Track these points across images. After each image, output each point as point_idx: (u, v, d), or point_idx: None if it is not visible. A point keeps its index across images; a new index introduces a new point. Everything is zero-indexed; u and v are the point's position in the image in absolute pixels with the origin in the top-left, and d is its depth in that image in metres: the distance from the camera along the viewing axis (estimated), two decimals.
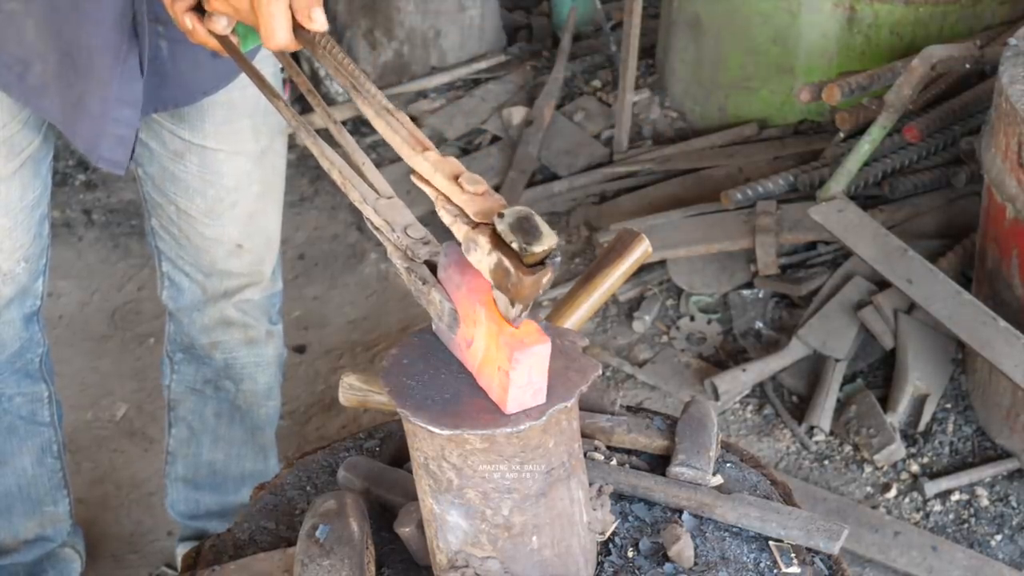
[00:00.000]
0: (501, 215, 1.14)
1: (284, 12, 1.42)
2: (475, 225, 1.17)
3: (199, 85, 2.01)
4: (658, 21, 4.31)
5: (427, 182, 1.25)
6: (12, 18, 1.83)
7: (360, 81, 1.36)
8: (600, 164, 3.95)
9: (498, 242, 1.14)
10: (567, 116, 4.15)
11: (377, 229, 1.32)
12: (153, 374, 3.18)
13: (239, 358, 2.41)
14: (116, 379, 3.34)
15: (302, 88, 1.45)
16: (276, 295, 2.41)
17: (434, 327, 1.32)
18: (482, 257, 1.16)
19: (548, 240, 1.12)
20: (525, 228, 1.13)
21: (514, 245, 1.12)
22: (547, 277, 1.13)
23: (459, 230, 1.19)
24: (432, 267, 1.28)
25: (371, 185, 1.35)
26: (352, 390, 1.67)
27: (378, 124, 1.32)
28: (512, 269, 1.13)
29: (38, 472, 2.45)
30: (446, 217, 1.21)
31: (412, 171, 1.27)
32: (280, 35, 1.43)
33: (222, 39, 1.58)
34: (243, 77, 1.97)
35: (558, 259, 1.14)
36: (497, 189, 3.87)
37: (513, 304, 1.17)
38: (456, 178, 1.22)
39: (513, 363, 1.19)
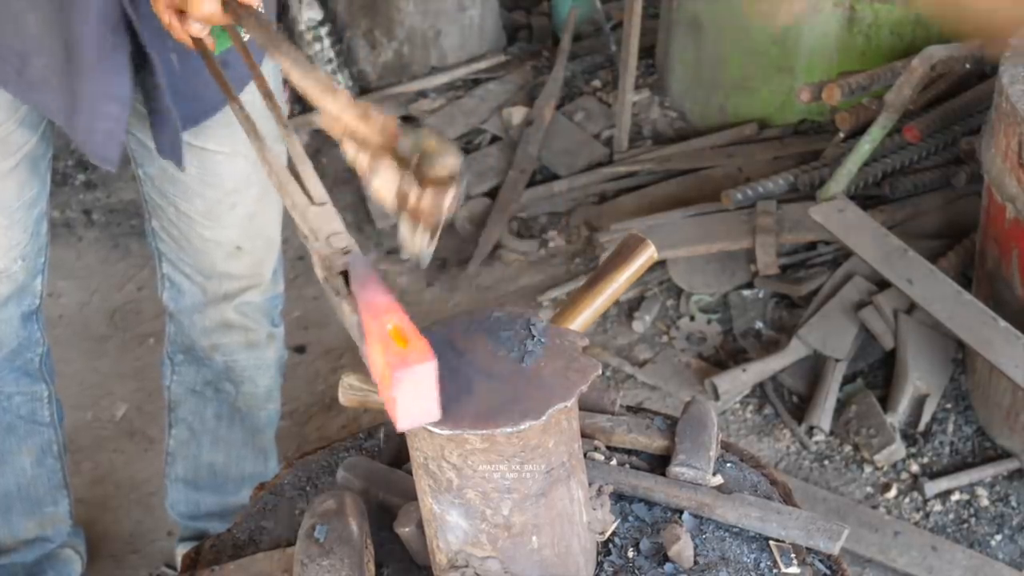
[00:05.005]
0: (402, 135, 1.11)
1: None
2: (376, 151, 1.15)
3: (210, 98, 2.00)
4: (658, 21, 4.31)
5: (335, 122, 1.22)
6: (14, 12, 1.83)
7: (277, 39, 1.39)
8: (600, 164, 3.95)
9: (401, 163, 1.11)
10: (567, 116, 4.15)
11: (305, 236, 1.30)
12: (153, 374, 3.18)
13: (239, 361, 2.41)
14: (116, 379, 3.34)
15: (260, 90, 1.49)
16: (277, 297, 2.40)
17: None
18: (383, 182, 1.13)
19: (451, 158, 1.08)
20: (427, 148, 1.09)
21: (414, 160, 1.09)
22: (450, 195, 1.09)
23: (362, 160, 1.16)
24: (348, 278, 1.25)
25: (306, 191, 1.32)
26: (352, 390, 1.67)
27: (293, 75, 1.32)
28: (413, 186, 1.09)
29: (37, 472, 2.45)
30: (349, 151, 1.18)
31: (322, 116, 1.24)
32: (206, 4, 1.53)
33: (195, 40, 1.65)
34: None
35: (465, 179, 1.09)
36: (497, 189, 3.88)
37: (415, 231, 1.13)
38: (365, 114, 1.20)
39: (395, 382, 1.15)
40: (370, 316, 1.17)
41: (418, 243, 1.14)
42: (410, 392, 1.16)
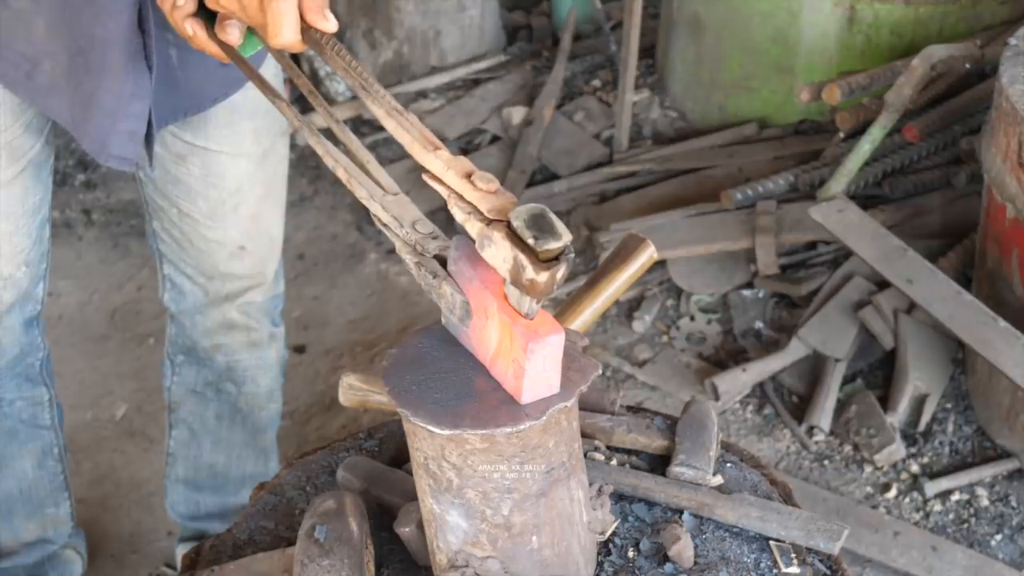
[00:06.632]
0: (516, 212, 1.15)
1: (293, 10, 1.43)
2: (489, 222, 1.19)
3: (209, 92, 2.00)
4: (658, 21, 4.31)
5: (439, 180, 1.26)
6: (21, 16, 1.82)
7: (369, 82, 1.37)
8: (600, 164, 3.94)
9: (513, 238, 1.16)
10: (567, 116, 4.15)
11: (385, 225, 1.33)
12: (153, 374, 3.18)
13: (241, 361, 2.41)
14: (116, 379, 3.34)
15: (303, 89, 1.46)
16: (278, 297, 2.40)
17: (444, 321, 1.32)
18: (496, 253, 1.17)
19: (563, 237, 1.14)
20: (540, 225, 1.15)
21: (529, 241, 1.14)
22: (561, 273, 1.15)
23: (473, 227, 1.20)
24: (442, 261, 1.28)
25: (376, 182, 1.36)
26: (352, 390, 1.67)
27: (388, 124, 1.34)
28: (528, 265, 1.14)
29: (39, 475, 2.44)
30: (459, 214, 1.22)
31: (423, 169, 1.28)
32: (287, 33, 1.44)
33: (223, 44, 1.59)
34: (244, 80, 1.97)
35: (572, 255, 1.15)
36: None
37: (526, 299, 1.18)
38: (468, 176, 1.23)
39: (528, 354, 1.20)
40: (492, 292, 1.22)
41: (526, 307, 1.19)
42: (540, 364, 1.22)
